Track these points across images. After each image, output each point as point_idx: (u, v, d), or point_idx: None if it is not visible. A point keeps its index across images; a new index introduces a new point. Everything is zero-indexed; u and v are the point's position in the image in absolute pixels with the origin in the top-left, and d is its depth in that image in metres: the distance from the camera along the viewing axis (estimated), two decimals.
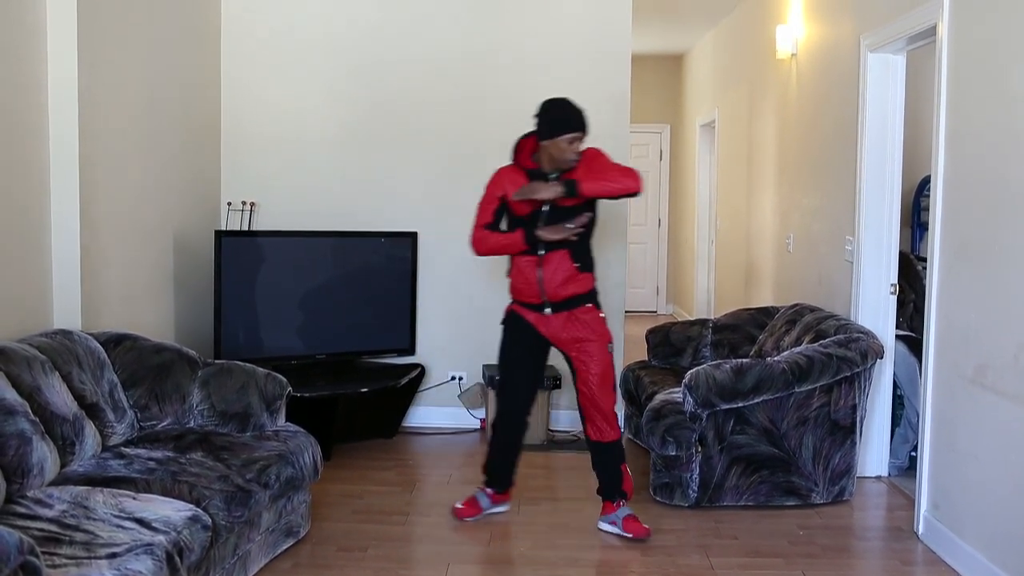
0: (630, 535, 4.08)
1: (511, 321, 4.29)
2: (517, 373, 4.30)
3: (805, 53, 5.93)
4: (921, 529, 4.16)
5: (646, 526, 4.11)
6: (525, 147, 4.17)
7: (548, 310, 4.13)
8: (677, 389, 4.62)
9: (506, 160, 5.80)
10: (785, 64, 6.30)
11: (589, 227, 4.10)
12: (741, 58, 7.97)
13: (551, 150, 4.01)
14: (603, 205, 5.82)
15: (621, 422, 5.83)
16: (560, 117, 4.01)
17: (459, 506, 4.35)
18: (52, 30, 4.00)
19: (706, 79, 9.61)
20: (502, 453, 4.37)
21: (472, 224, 4.24)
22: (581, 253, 4.11)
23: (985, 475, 3.68)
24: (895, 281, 4.89)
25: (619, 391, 5.65)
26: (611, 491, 4.20)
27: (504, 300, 5.86)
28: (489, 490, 4.38)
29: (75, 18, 4.00)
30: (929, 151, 4.17)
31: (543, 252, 4.06)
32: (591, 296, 4.18)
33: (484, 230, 4.19)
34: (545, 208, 4.04)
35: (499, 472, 4.38)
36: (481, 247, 4.22)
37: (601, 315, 4.18)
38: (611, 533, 4.15)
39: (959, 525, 3.86)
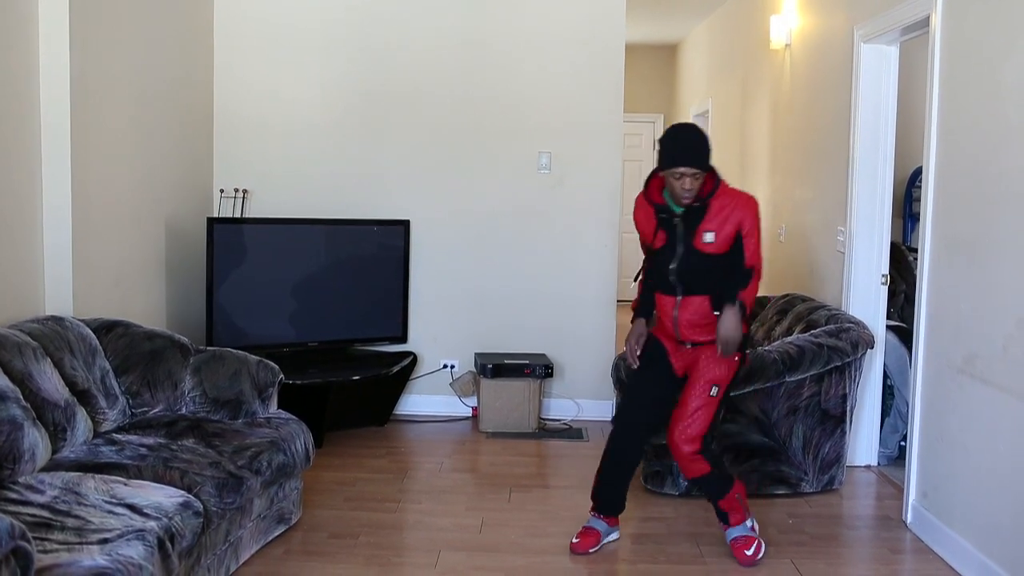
0: (736, 558, 3.81)
1: (650, 344, 3.92)
2: (644, 392, 3.91)
3: (799, 43, 5.93)
4: (910, 518, 4.19)
5: (749, 553, 3.78)
6: (656, 180, 3.79)
7: (688, 345, 3.83)
8: None
9: (499, 148, 5.85)
10: (779, 54, 6.30)
11: (727, 268, 3.71)
12: (735, 48, 7.96)
13: (667, 181, 3.64)
14: (596, 194, 5.86)
15: (611, 412, 5.88)
16: (666, 148, 3.62)
17: (575, 541, 3.90)
18: (44, 18, 3.98)
19: (700, 69, 9.60)
20: (619, 477, 3.94)
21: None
22: (718, 297, 3.74)
23: (973, 464, 3.70)
24: (886, 272, 4.91)
25: (611, 380, 5.71)
26: (718, 515, 3.93)
27: (494, 287, 5.90)
28: (602, 515, 3.96)
29: (67, 5, 3.98)
30: (921, 142, 4.17)
31: (680, 296, 3.75)
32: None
33: (640, 284, 4.00)
34: (679, 250, 3.71)
35: (614, 497, 3.97)
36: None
37: (731, 359, 3.77)
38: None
39: (947, 514, 3.89)
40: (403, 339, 5.78)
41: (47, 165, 4.04)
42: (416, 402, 5.95)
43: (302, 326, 5.48)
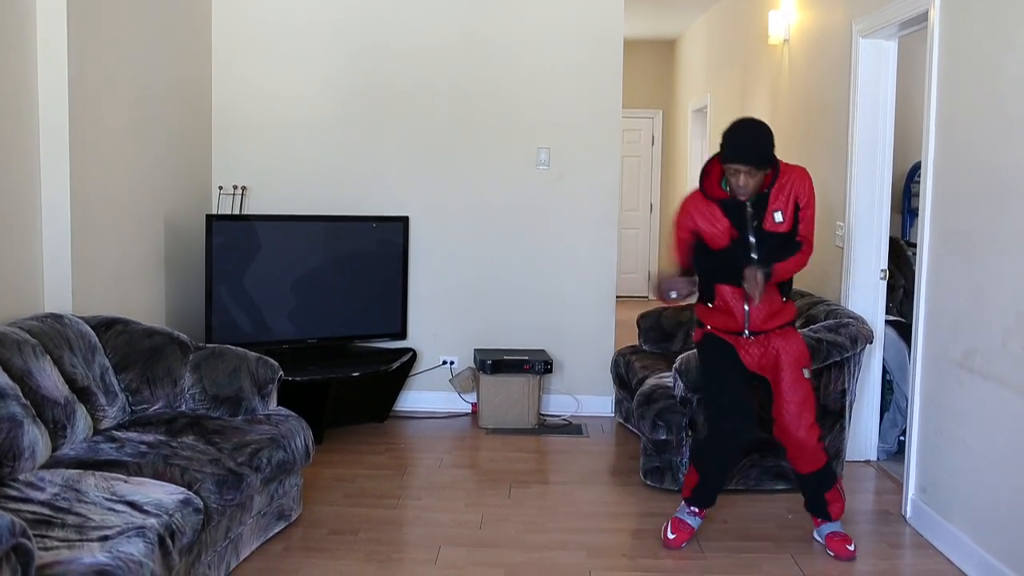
0: (832, 553, 3.80)
1: (710, 341, 3.89)
2: (731, 390, 3.80)
3: (797, 38, 5.93)
4: (909, 512, 4.19)
5: (851, 548, 3.78)
6: (713, 170, 3.72)
7: (746, 333, 3.78)
8: (668, 374, 4.64)
9: (498, 144, 5.85)
10: (777, 49, 6.30)
11: (788, 247, 3.72)
12: (734, 43, 7.96)
13: (726, 172, 3.61)
14: (595, 189, 5.86)
15: (611, 407, 5.89)
16: (727, 141, 3.58)
17: (671, 536, 3.87)
18: (42, 16, 3.97)
19: (699, 64, 9.60)
20: (717, 477, 3.92)
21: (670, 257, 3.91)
22: (785, 282, 3.79)
23: (972, 459, 3.70)
24: (885, 267, 4.91)
25: (610, 375, 5.72)
26: (816, 510, 3.92)
27: (493, 283, 5.90)
28: (694, 508, 3.93)
29: (65, 3, 3.98)
30: (920, 137, 4.17)
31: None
32: (793, 323, 3.91)
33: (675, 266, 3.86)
34: (752, 240, 3.66)
35: (711, 495, 3.93)
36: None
37: (802, 339, 3.86)
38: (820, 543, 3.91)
39: (947, 508, 3.89)
40: (403, 335, 5.78)
41: (46, 163, 4.04)
42: (416, 398, 5.95)
43: (301, 323, 5.49)
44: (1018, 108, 3.41)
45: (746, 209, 3.64)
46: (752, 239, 3.66)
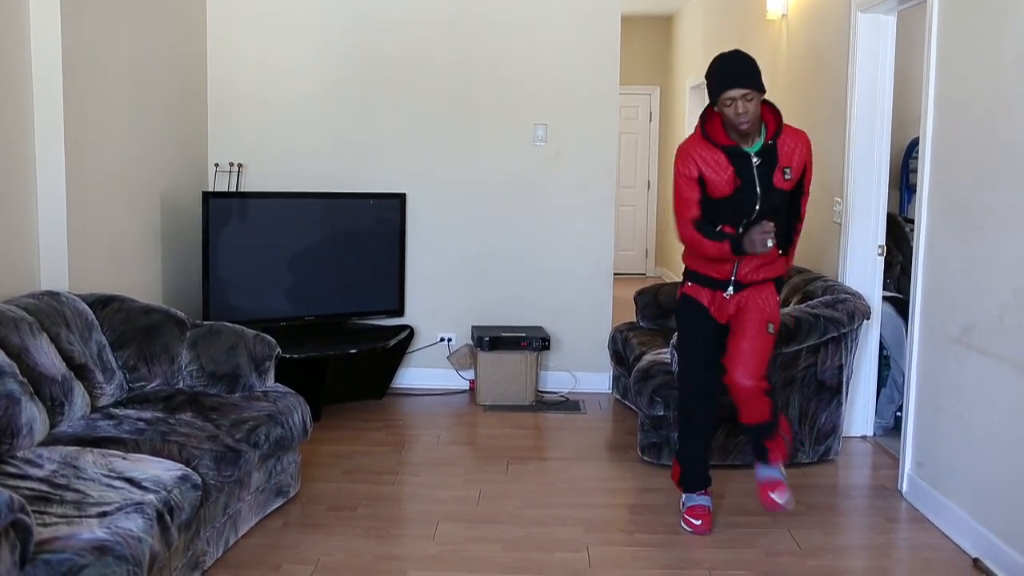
0: (760, 499, 3.76)
1: (686, 304, 3.82)
2: (701, 355, 3.77)
3: (796, 13, 5.89)
4: (905, 487, 4.21)
5: (775, 497, 3.69)
6: (712, 117, 3.59)
7: (730, 290, 3.69)
8: (665, 350, 4.64)
9: (495, 120, 5.82)
10: (776, 25, 6.26)
11: (795, 203, 3.66)
12: (731, 19, 7.91)
13: (722, 114, 3.49)
14: (593, 166, 5.84)
15: (608, 384, 5.90)
16: (714, 76, 3.47)
17: (697, 523, 3.80)
18: None
19: (696, 40, 9.55)
20: (703, 446, 3.87)
21: (675, 214, 3.70)
22: (785, 233, 3.67)
23: (969, 434, 3.72)
24: (883, 243, 4.91)
25: (608, 352, 5.73)
26: (756, 452, 3.82)
27: (491, 260, 5.90)
28: (703, 492, 3.90)
29: None
30: (918, 113, 4.16)
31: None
32: (778, 280, 3.81)
33: (694, 229, 3.63)
34: (758, 191, 3.53)
35: (703, 469, 3.90)
36: (691, 245, 3.72)
37: (777, 297, 3.76)
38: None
39: (943, 483, 3.91)
40: (400, 312, 5.78)
41: (41, 140, 4.02)
42: (413, 375, 5.96)
43: (299, 300, 5.48)
44: (1017, 83, 3.39)
45: (751, 159, 3.53)
46: (759, 190, 3.54)
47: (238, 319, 4.66)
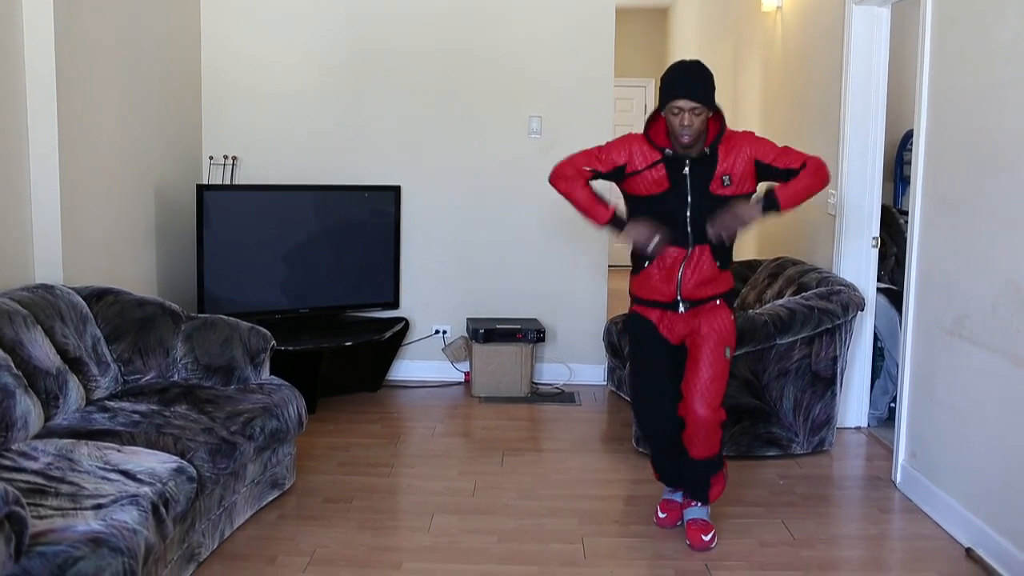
0: (688, 542, 3.63)
1: (634, 321, 3.73)
2: (654, 365, 3.67)
3: (790, 6, 5.89)
4: (899, 478, 4.23)
5: (706, 539, 3.59)
6: (658, 121, 3.52)
7: (681, 308, 3.57)
8: None
9: (490, 113, 5.82)
10: (770, 17, 6.26)
11: (788, 177, 3.51)
12: (726, 11, 7.91)
13: (667, 121, 3.41)
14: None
15: (603, 376, 5.91)
16: (666, 82, 3.37)
17: (661, 515, 3.82)
18: None
19: (691, 32, 9.54)
20: (668, 454, 3.76)
21: (567, 156, 3.67)
22: (722, 248, 3.56)
23: (962, 424, 3.73)
24: (877, 234, 4.91)
25: (603, 344, 5.73)
26: (695, 492, 3.73)
27: (486, 252, 5.89)
28: (674, 488, 3.87)
29: None
30: (913, 105, 4.16)
31: (692, 247, 3.50)
32: (728, 295, 3.64)
33: (581, 170, 3.60)
34: (689, 199, 3.46)
35: (668, 474, 3.85)
36: (560, 183, 3.66)
37: (731, 315, 3.63)
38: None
39: (936, 474, 3.92)
40: (395, 305, 5.78)
41: (34, 134, 4.00)
42: (408, 367, 5.96)
43: (293, 292, 5.48)
44: (1010, 75, 3.40)
45: (684, 164, 3.45)
46: (690, 197, 3.46)
47: (233, 312, 4.66)
